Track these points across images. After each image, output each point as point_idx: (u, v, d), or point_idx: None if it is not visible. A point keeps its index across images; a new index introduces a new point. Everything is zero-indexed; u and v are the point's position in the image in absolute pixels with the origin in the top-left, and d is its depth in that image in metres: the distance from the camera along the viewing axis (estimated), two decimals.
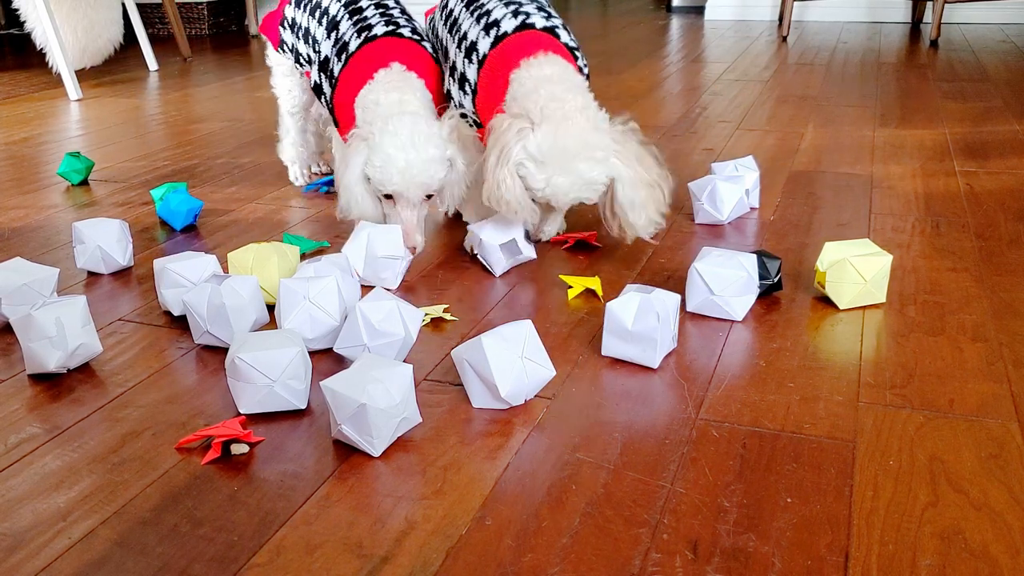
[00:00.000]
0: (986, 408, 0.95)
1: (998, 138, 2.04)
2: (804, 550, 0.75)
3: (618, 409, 0.96)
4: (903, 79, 2.78)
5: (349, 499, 0.83)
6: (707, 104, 2.48)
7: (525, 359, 0.96)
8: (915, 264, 1.33)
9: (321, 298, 1.07)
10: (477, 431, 0.93)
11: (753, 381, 1.01)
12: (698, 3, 4.83)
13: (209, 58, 3.56)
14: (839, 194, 1.67)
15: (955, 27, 3.90)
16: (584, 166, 1.24)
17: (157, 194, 1.62)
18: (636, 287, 1.08)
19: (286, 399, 0.96)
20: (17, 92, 2.91)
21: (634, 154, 1.28)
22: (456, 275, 1.33)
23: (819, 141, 2.05)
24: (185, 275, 1.18)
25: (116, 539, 0.78)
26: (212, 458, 0.89)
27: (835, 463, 0.86)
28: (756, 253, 1.20)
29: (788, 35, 3.70)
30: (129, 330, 1.19)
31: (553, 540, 0.77)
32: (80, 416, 0.98)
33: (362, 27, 1.45)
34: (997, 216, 1.53)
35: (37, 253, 1.48)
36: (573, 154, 1.23)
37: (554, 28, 1.38)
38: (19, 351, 1.13)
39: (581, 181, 1.25)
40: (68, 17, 2.96)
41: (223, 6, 4.35)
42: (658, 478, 0.84)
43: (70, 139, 2.27)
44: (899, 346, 1.09)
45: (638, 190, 1.27)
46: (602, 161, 1.25)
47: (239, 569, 0.74)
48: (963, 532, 0.77)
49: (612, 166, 1.26)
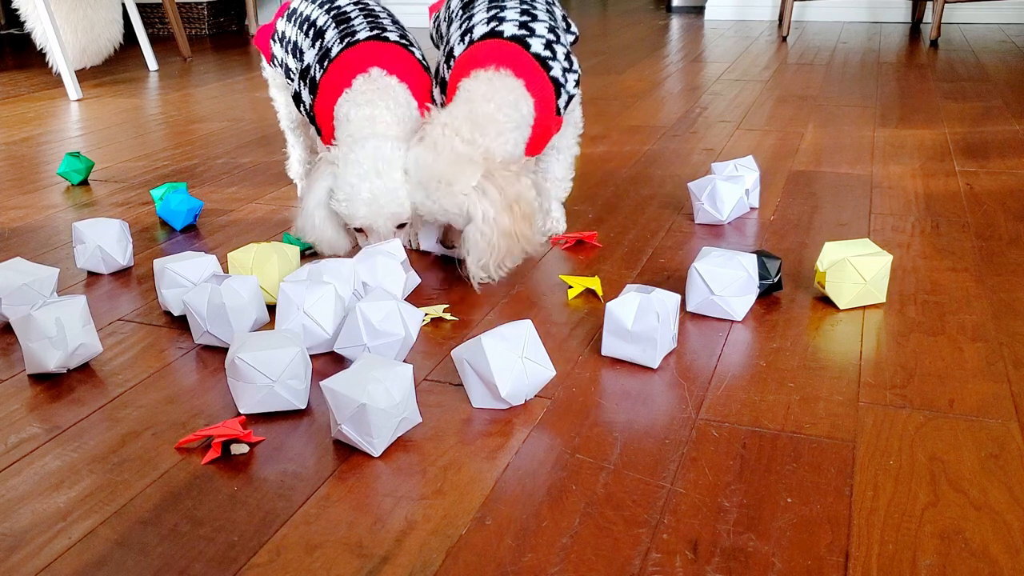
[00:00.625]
0: (986, 408, 0.95)
1: (998, 138, 2.04)
2: (804, 550, 0.75)
3: (618, 409, 0.96)
4: (903, 79, 2.78)
5: (349, 499, 0.83)
6: (707, 104, 2.48)
7: (525, 359, 0.96)
8: (915, 264, 1.33)
9: (316, 308, 1.07)
10: (477, 431, 0.93)
11: (753, 381, 1.01)
12: (698, 3, 4.83)
13: (209, 58, 3.56)
14: (839, 194, 1.67)
15: (955, 27, 3.90)
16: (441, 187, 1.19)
17: (157, 194, 1.62)
18: (636, 287, 1.08)
19: (286, 399, 0.96)
20: (17, 92, 2.91)
21: (506, 197, 1.19)
22: (456, 275, 1.33)
23: (819, 141, 2.05)
24: (185, 275, 1.18)
25: (116, 539, 0.78)
26: (212, 458, 0.89)
27: (835, 463, 0.86)
28: (756, 253, 1.20)
29: (788, 35, 3.70)
30: (129, 330, 1.19)
31: (553, 540, 0.77)
32: (80, 416, 0.98)
33: (346, 33, 1.42)
34: (997, 216, 1.53)
35: (37, 253, 1.48)
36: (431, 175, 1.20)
37: (523, 37, 1.32)
38: (19, 351, 1.13)
39: (436, 206, 1.21)
40: (68, 17, 2.96)
41: (223, 6, 4.35)
42: (658, 478, 0.84)
43: (70, 139, 2.27)
44: (899, 346, 1.09)
45: (491, 235, 1.19)
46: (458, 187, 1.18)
47: (239, 569, 0.74)
48: (963, 532, 0.77)
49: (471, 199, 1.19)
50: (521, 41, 1.32)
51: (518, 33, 1.33)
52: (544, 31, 1.35)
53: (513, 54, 1.30)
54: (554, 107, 1.33)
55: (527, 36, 1.33)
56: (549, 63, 1.33)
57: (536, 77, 1.30)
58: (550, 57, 1.33)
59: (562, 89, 1.34)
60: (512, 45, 1.31)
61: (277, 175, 1.88)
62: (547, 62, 1.32)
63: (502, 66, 1.28)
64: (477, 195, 1.19)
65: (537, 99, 1.30)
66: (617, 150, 2.02)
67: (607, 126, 2.25)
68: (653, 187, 1.73)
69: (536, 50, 1.32)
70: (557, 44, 1.35)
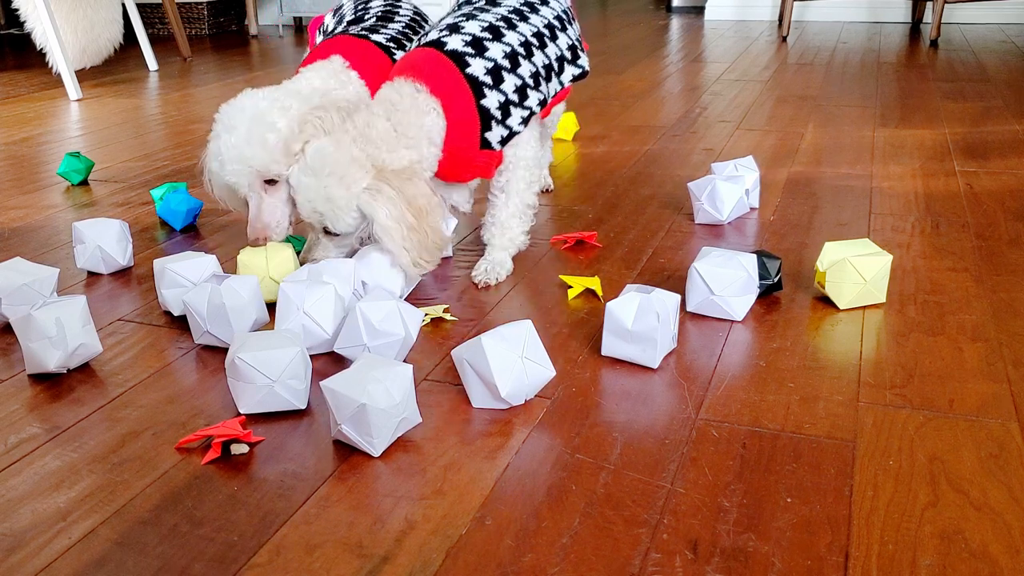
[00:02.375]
0: (986, 408, 0.95)
1: (998, 138, 2.04)
2: (804, 550, 0.75)
3: (618, 409, 0.96)
4: (903, 79, 2.78)
5: (349, 499, 0.83)
6: (707, 104, 2.48)
7: (525, 359, 0.96)
8: (915, 264, 1.33)
9: (316, 308, 1.07)
10: (477, 431, 0.93)
11: (753, 381, 1.01)
12: (698, 3, 4.83)
13: (209, 58, 3.56)
14: (839, 194, 1.67)
15: (955, 27, 3.90)
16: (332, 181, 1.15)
17: (157, 194, 1.62)
18: (636, 287, 1.08)
19: (286, 399, 0.96)
20: (17, 92, 2.91)
21: (403, 196, 1.16)
22: (456, 275, 1.33)
23: (819, 141, 2.05)
24: (185, 275, 1.19)
25: (116, 539, 0.78)
26: (212, 458, 0.89)
27: (835, 463, 0.86)
28: (756, 253, 1.20)
29: (788, 35, 3.70)
30: (129, 330, 1.19)
31: (553, 540, 0.77)
32: (80, 416, 0.98)
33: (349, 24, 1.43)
34: (997, 216, 1.53)
35: (37, 253, 1.48)
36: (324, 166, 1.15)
37: (463, 55, 1.23)
38: (19, 351, 1.13)
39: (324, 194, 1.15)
40: (68, 17, 2.96)
41: (223, 6, 4.35)
42: (658, 478, 0.84)
43: (70, 139, 2.27)
44: (899, 346, 1.09)
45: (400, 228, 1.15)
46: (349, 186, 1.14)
47: (239, 569, 0.74)
48: (963, 532, 0.77)
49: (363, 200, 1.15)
50: (458, 58, 1.22)
51: (460, 49, 1.23)
52: (498, 54, 1.24)
53: (441, 70, 1.22)
54: (477, 138, 1.23)
55: (470, 55, 1.23)
56: (484, 90, 1.22)
57: (460, 101, 1.21)
58: (489, 85, 1.23)
59: (494, 123, 1.23)
60: (444, 60, 1.22)
61: None
62: (482, 88, 1.22)
63: (420, 80, 1.21)
64: (371, 195, 1.15)
65: (453, 123, 1.22)
66: (617, 150, 2.02)
67: (607, 126, 2.25)
68: (653, 187, 1.73)
69: (473, 72, 1.22)
70: (511, 73, 1.25)
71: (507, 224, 1.32)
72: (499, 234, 1.32)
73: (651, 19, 4.53)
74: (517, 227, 1.33)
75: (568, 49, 1.38)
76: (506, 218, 1.32)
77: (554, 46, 1.35)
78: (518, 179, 1.31)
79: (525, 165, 1.30)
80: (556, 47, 1.35)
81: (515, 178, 1.31)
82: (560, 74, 1.37)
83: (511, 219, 1.32)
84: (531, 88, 1.28)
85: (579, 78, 1.41)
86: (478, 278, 1.29)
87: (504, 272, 1.31)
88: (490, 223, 1.33)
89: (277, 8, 4.34)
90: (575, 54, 1.39)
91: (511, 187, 1.31)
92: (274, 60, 3.48)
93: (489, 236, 1.33)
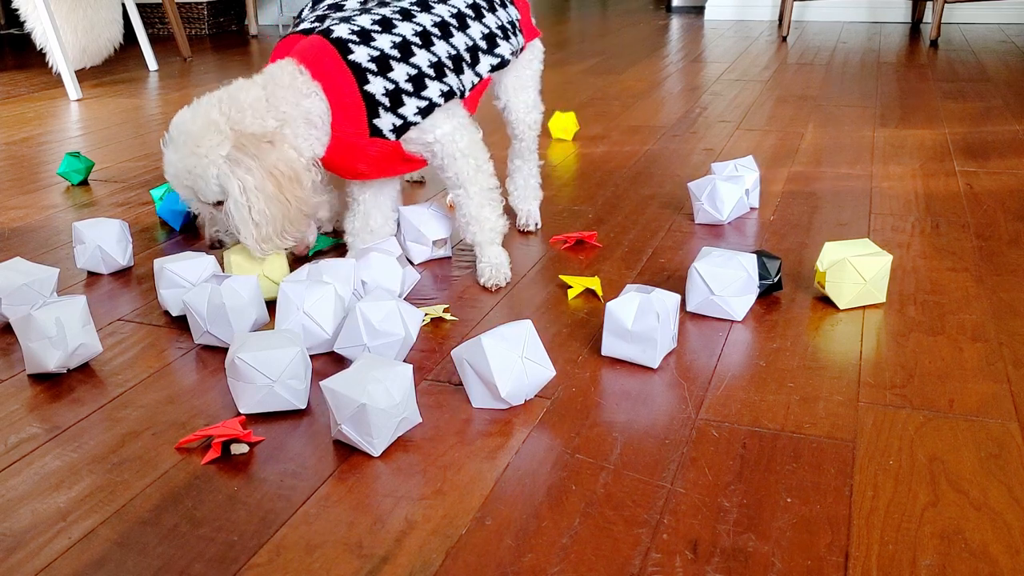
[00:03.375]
0: (986, 408, 0.95)
1: (998, 138, 2.04)
2: (804, 550, 0.75)
3: (618, 409, 0.96)
4: (903, 79, 2.78)
5: (349, 499, 0.83)
6: (707, 104, 2.48)
7: (525, 359, 0.96)
8: (915, 264, 1.33)
9: (316, 308, 1.07)
10: (477, 431, 0.93)
11: (753, 381, 1.01)
12: (698, 3, 4.83)
13: (209, 58, 3.56)
14: (839, 194, 1.67)
15: (955, 27, 3.90)
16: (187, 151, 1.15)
17: (157, 194, 1.62)
18: (636, 287, 1.08)
19: (286, 399, 0.96)
20: (17, 92, 2.91)
21: (264, 164, 1.14)
22: (456, 275, 1.33)
23: (819, 141, 2.05)
24: (183, 275, 1.18)
25: (116, 539, 0.78)
26: (212, 458, 0.89)
27: (835, 463, 0.86)
28: (756, 253, 1.20)
29: (788, 35, 3.70)
30: (129, 330, 1.19)
31: (553, 540, 0.77)
32: (80, 416, 0.98)
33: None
34: (997, 216, 1.53)
35: (37, 253, 1.48)
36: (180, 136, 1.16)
37: (347, 42, 1.20)
38: (19, 351, 1.13)
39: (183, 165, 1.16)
40: (68, 17, 2.96)
41: (223, 6, 4.35)
42: (658, 478, 0.84)
43: (70, 139, 2.27)
44: (899, 346, 1.09)
45: (256, 204, 1.14)
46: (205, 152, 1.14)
47: (239, 569, 0.74)
48: (963, 532, 0.77)
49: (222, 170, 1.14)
50: (341, 45, 1.20)
51: (345, 36, 1.21)
52: (386, 44, 1.22)
53: (322, 55, 1.20)
54: (364, 124, 1.21)
55: (353, 43, 1.20)
56: (367, 76, 1.20)
57: (342, 86, 1.19)
58: (372, 71, 1.20)
59: (381, 109, 1.20)
60: (327, 47, 1.20)
61: None
62: (365, 74, 1.19)
63: (302, 63, 1.20)
64: (229, 167, 1.13)
65: (336, 108, 1.20)
66: (617, 150, 2.02)
67: (607, 126, 2.25)
68: (653, 187, 1.73)
69: (355, 59, 1.19)
70: (400, 63, 1.21)
71: (479, 216, 1.30)
72: (479, 230, 1.30)
73: (651, 19, 4.53)
74: (491, 215, 1.30)
75: (484, 38, 1.32)
76: (475, 210, 1.29)
77: (463, 36, 1.29)
78: (462, 168, 1.28)
79: (463, 154, 1.27)
80: (466, 36, 1.30)
81: (459, 169, 1.28)
82: (474, 65, 1.31)
83: (481, 210, 1.29)
84: (430, 78, 1.24)
85: (498, 67, 1.34)
86: (489, 282, 1.28)
87: (507, 268, 1.31)
88: (464, 222, 1.31)
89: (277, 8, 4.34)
90: (493, 43, 1.33)
91: (462, 178, 1.28)
92: None
93: (471, 235, 1.31)
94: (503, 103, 1.47)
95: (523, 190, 1.53)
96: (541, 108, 1.50)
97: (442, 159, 1.28)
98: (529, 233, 1.50)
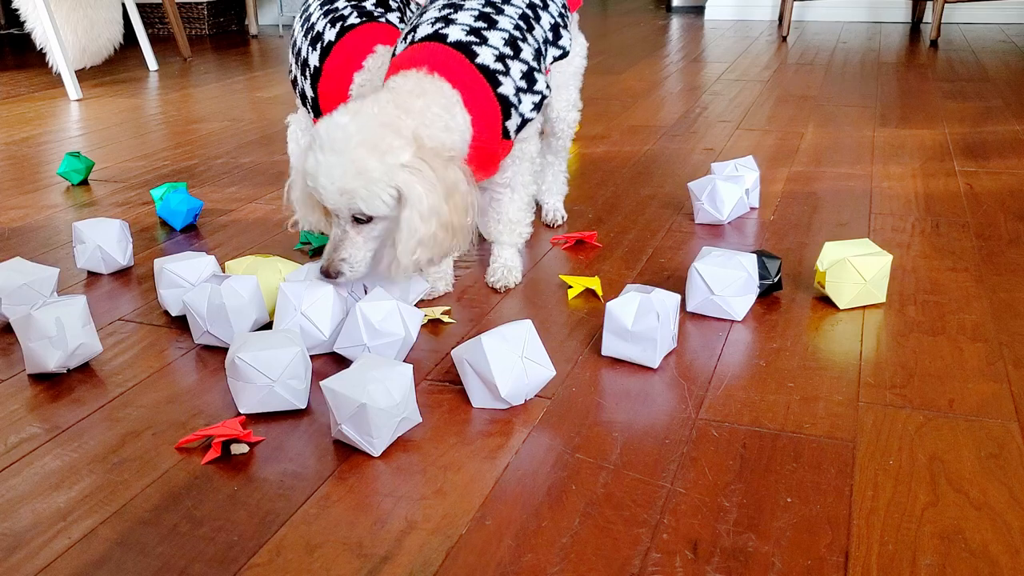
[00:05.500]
0: (986, 408, 0.95)
1: (998, 138, 2.04)
2: (804, 550, 0.75)
3: (618, 409, 0.96)
4: (903, 79, 2.78)
5: (349, 499, 0.83)
6: (707, 104, 2.48)
7: (525, 359, 0.96)
8: (915, 264, 1.33)
9: (314, 310, 1.07)
10: (477, 431, 0.93)
11: (753, 381, 1.01)
12: (698, 3, 4.83)
13: (209, 58, 3.56)
14: (839, 194, 1.67)
15: (955, 27, 3.90)
16: (361, 152, 1.02)
17: (157, 194, 1.62)
18: (636, 287, 1.08)
19: (286, 399, 0.96)
20: (17, 92, 2.91)
21: (444, 184, 1.05)
22: (456, 275, 1.33)
23: (819, 141, 2.05)
24: (183, 275, 1.18)
25: (116, 539, 0.78)
26: (212, 458, 0.89)
27: (835, 463, 0.86)
28: (756, 253, 1.20)
29: (788, 35, 3.70)
30: (129, 330, 1.19)
31: (553, 540, 0.77)
32: (80, 416, 0.98)
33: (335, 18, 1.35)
34: (997, 216, 1.53)
35: (37, 253, 1.48)
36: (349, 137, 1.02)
37: (468, 44, 1.15)
38: (19, 351, 1.13)
39: (353, 168, 1.02)
40: (68, 17, 2.96)
41: (223, 6, 4.35)
42: (658, 478, 0.84)
43: (70, 139, 2.27)
44: (899, 346, 1.09)
45: (427, 222, 1.04)
46: (383, 156, 1.02)
47: (239, 569, 0.74)
48: (963, 532, 0.77)
49: (401, 178, 1.03)
50: (465, 49, 1.15)
51: (464, 39, 1.16)
52: (499, 42, 1.17)
53: (452, 62, 1.14)
54: (500, 128, 1.17)
55: (475, 44, 1.16)
56: (499, 78, 1.16)
57: (478, 92, 1.14)
58: (501, 71, 1.16)
59: (512, 110, 1.17)
60: (453, 52, 1.15)
61: (277, 175, 1.88)
62: (496, 76, 1.15)
63: (435, 71, 1.12)
64: (409, 174, 1.03)
65: (476, 116, 1.14)
66: (617, 150, 2.02)
67: (607, 126, 2.25)
68: (653, 187, 1.73)
69: (483, 61, 1.15)
70: (514, 60, 1.18)
71: (515, 219, 1.28)
72: (508, 231, 1.28)
73: (651, 19, 4.53)
74: (525, 219, 1.29)
75: (550, 29, 1.29)
76: (515, 213, 1.28)
77: (539, 27, 1.27)
78: (523, 172, 1.26)
79: (530, 158, 1.26)
80: (541, 28, 1.27)
81: (520, 171, 1.26)
82: (546, 58, 1.28)
83: (519, 213, 1.28)
84: (537, 71, 1.21)
85: (559, 58, 1.32)
86: (498, 284, 1.27)
87: (519, 272, 1.29)
88: (496, 219, 1.28)
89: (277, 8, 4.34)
90: (557, 34, 1.30)
91: (517, 181, 1.26)
92: (274, 60, 3.48)
93: (497, 233, 1.29)
94: None
95: (552, 184, 1.54)
96: (580, 106, 1.48)
97: (513, 159, 1.24)
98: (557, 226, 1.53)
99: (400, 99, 1.08)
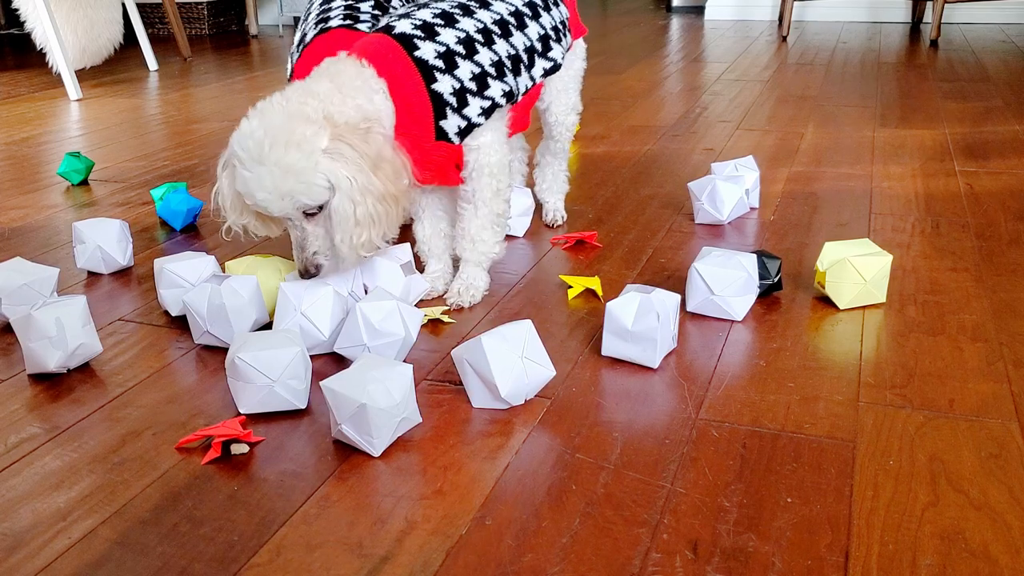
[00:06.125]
0: (986, 408, 0.95)
1: (998, 138, 2.04)
2: (804, 550, 0.75)
3: (618, 409, 0.96)
4: (903, 79, 2.78)
5: (349, 499, 0.83)
6: (707, 104, 2.48)
7: (525, 359, 0.96)
8: (915, 264, 1.33)
9: (313, 310, 1.07)
10: (477, 431, 0.93)
11: (753, 381, 1.01)
12: (698, 3, 4.83)
13: (209, 58, 3.56)
14: (839, 194, 1.67)
15: (955, 27, 3.90)
16: (279, 152, 1.00)
17: (157, 194, 1.62)
18: (636, 287, 1.08)
19: (286, 399, 0.96)
20: (17, 92, 2.91)
21: (368, 158, 1.03)
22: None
23: (819, 141, 2.05)
24: (183, 275, 1.18)
25: (116, 539, 0.78)
26: (212, 458, 0.89)
27: (835, 463, 0.86)
28: (756, 253, 1.20)
29: (788, 35, 3.70)
30: (129, 330, 1.19)
31: (553, 540, 0.77)
32: (80, 416, 0.98)
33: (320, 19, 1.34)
34: (997, 216, 1.53)
35: (37, 253, 1.48)
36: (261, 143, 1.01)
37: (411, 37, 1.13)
38: (19, 351, 1.13)
39: (279, 171, 1.00)
40: (68, 17, 2.96)
41: (223, 6, 4.35)
42: (658, 478, 0.84)
43: (70, 139, 2.27)
44: (899, 346, 1.09)
45: (365, 199, 1.03)
46: (301, 147, 1.00)
47: (239, 569, 0.74)
48: (963, 532, 0.77)
49: (324, 166, 1.01)
50: (406, 41, 1.12)
51: (409, 32, 1.13)
52: (451, 39, 1.15)
53: (387, 52, 1.11)
54: (431, 126, 1.13)
55: (418, 38, 1.13)
56: (435, 74, 1.12)
57: (408, 84, 1.11)
58: (440, 68, 1.12)
59: (448, 110, 1.13)
60: (391, 43, 1.12)
61: None
62: (432, 72, 1.12)
63: (364, 58, 1.10)
64: (331, 160, 1.01)
65: (401, 108, 1.11)
66: (617, 150, 2.02)
67: (607, 126, 2.25)
68: (653, 187, 1.73)
69: (422, 55, 1.12)
70: (466, 60, 1.14)
71: (478, 237, 1.22)
72: (470, 248, 1.22)
73: (651, 19, 4.53)
74: (490, 239, 1.22)
75: (540, 40, 1.26)
76: (476, 231, 1.21)
77: (521, 35, 1.24)
78: (483, 187, 1.19)
79: (491, 172, 1.18)
80: (524, 36, 1.24)
81: (480, 187, 1.19)
82: (530, 68, 1.25)
83: (482, 231, 1.21)
84: (492, 77, 1.17)
85: (550, 72, 1.29)
86: (451, 300, 1.22)
87: (480, 292, 1.24)
88: (460, 236, 1.23)
89: (277, 8, 4.34)
90: (547, 46, 1.27)
91: (478, 197, 1.19)
92: (274, 60, 3.48)
93: (460, 250, 1.23)
94: (545, 104, 1.43)
95: (551, 183, 1.54)
96: (580, 109, 1.47)
97: (471, 170, 1.19)
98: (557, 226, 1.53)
99: (308, 84, 1.07)
